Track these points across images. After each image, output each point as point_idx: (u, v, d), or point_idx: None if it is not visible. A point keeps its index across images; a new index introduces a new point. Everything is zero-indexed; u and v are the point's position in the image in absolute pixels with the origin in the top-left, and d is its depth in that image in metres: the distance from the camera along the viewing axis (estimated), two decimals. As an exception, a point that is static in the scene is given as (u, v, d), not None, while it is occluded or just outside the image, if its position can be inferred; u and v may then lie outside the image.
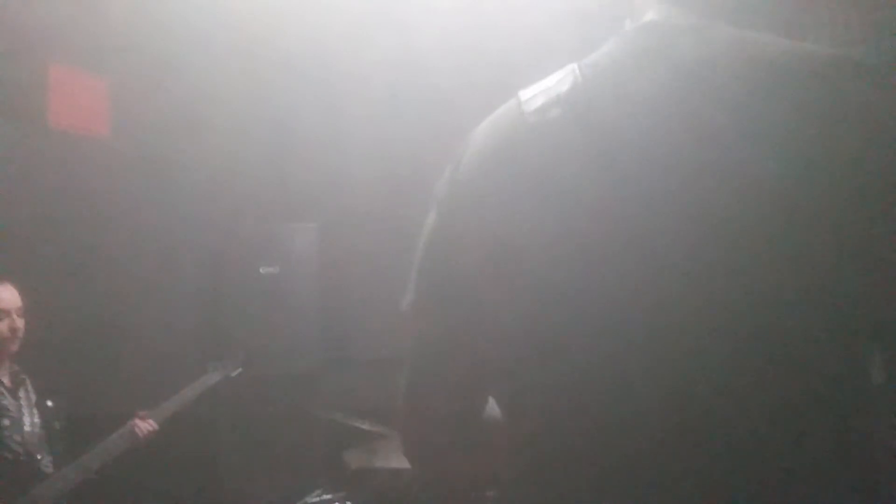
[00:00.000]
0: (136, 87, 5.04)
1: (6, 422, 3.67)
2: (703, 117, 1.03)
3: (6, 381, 3.77)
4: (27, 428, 3.73)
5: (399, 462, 3.68)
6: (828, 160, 0.99)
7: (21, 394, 3.80)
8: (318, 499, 3.79)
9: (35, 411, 3.80)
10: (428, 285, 1.24)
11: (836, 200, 0.99)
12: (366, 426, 3.95)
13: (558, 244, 1.06)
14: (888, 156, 1.00)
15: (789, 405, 1.01)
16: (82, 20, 4.71)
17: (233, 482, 5.00)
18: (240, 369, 4.32)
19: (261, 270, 5.14)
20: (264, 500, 4.73)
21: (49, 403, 3.86)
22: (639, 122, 1.05)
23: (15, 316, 3.75)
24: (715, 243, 1.01)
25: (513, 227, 1.10)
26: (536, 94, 1.17)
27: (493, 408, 1.26)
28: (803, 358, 1.01)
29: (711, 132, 1.02)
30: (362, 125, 5.50)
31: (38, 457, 3.72)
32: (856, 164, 0.99)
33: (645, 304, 1.02)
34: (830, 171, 0.99)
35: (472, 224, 1.15)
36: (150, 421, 3.87)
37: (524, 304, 1.10)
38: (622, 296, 1.03)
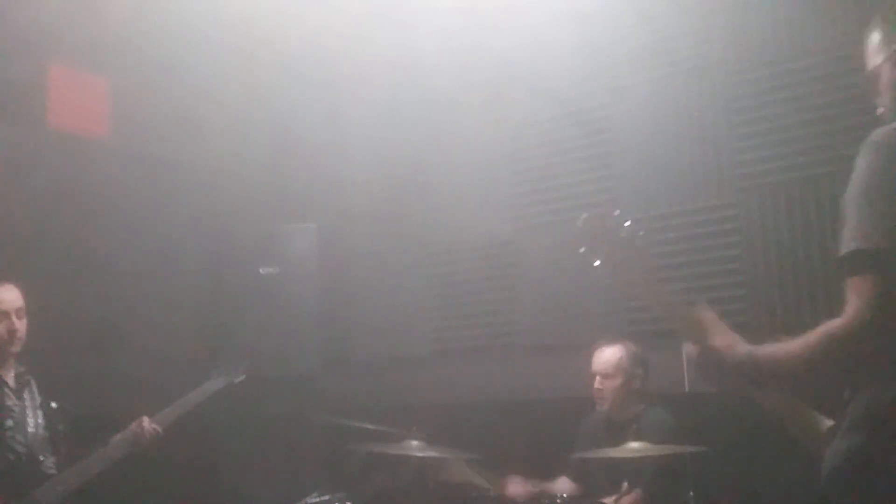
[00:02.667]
0: (136, 87, 5.04)
1: (9, 422, 3.65)
2: None
3: (11, 382, 3.75)
4: (31, 429, 3.71)
5: (397, 463, 3.68)
6: None
7: (25, 395, 3.78)
8: (317, 499, 3.78)
9: (39, 413, 3.78)
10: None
11: None
12: (365, 427, 3.94)
13: None
14: None
15: None
16: (82, 20, 4.71)
17: (233, 482, 5.00)
18: (243, 376, 4.31)
19: (261, 271, 5.13)
20: (264, 501, 4.73)
21: (53, 405, 3.83)
22: None
23: (14, 318, 3.72)
24: None
25: None
26: None
27: None
28: None
29: None
30: (362, 125, 5.50)
31: (41, 458, 3.70)
32: None
33: None
34: None
35: None
36: (155, 425, 3.86)
37: None
38: None
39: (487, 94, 5.04)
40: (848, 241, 1.61)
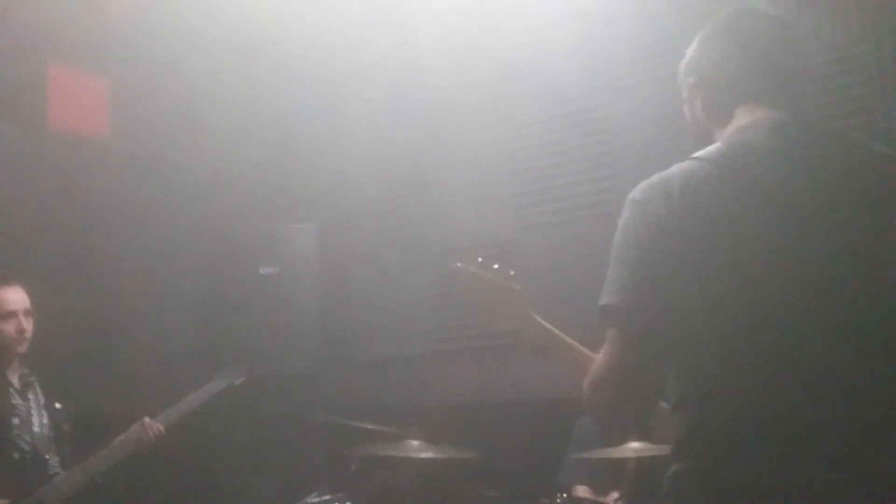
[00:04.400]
0: (136, 87, 5.04)
1: (15, 421, 3.69)
2: (810, 175, 1.63)
3: (16, 382, 3.79)
4: (36, 428, 3.75)
5: (397, 462, 3.68)
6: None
7: (30, 395, 3.82)
8: (318, 499, 3.78)
9: (44, 413, 3.81)
10: (635, 285, 1.63)
11: None
12: (365, 426, 3.94)
13: (736, 255, 1.58)
14: None
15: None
16: (82, 20, 4.71)
17: (233, 482, 5.00)
18: (243, 378, 4.34)
19: (261, 271, 5.13)
20: (264, 501, 4.73)
21: (57, 406, 3.87)
22: (768, 173, 1.64)
23: (22, 317, 3.75)
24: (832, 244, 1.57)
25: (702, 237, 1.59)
26: (701, 156, 1.69)
27: None
28: None
29: (820, 185, 1.62)
30: (362, 125, 5.50)
31: (47, 457, 3.74)
32: None
33: (790, 300, 1.56)
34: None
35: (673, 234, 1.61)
36: (158, 426, 3.88)
37: (708, 296, 1.58)
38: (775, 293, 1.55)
39: (487, 94, 5.04)
40: (602, 296, 1.68)
